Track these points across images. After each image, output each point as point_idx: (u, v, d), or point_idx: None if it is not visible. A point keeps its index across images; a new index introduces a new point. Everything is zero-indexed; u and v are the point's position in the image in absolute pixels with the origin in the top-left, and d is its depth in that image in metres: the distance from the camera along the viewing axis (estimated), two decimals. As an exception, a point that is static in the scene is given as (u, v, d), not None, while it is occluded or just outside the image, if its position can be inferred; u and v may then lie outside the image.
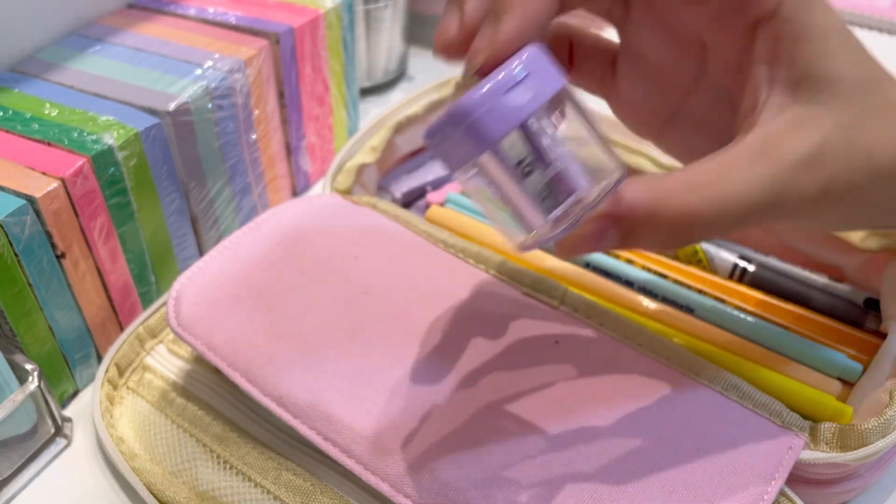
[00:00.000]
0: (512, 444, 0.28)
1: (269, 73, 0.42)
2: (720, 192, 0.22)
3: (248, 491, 0.30)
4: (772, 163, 0.23)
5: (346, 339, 0.32)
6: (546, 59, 0.21)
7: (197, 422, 0.33)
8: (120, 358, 0.36)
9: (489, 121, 0.20)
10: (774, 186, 0.23)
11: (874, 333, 0.35)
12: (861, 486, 0.30)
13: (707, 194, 0.22)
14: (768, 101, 0.24)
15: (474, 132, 0.20)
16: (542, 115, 0.21)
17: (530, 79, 0.20)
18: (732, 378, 0.31)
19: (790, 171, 0.23)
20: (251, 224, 0.37)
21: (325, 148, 0.50)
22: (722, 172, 0.23)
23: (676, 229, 0.23)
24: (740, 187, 0.23)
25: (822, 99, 0.23)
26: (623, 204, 0.22)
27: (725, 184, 0.23)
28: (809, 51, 0.23)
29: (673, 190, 0.22)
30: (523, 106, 0.20)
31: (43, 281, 0.33)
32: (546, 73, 0.21)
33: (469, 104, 0.20)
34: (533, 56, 0.21)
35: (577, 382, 0.30)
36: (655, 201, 0.22)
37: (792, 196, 0.23)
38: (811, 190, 0.23)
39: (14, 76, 0.39)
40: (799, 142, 0.23)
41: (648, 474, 0.27)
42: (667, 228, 0.23)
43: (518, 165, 0.21)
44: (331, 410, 0.29)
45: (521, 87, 0.20)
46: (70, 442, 0.35)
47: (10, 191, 0.32)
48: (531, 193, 0.21)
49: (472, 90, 0.20)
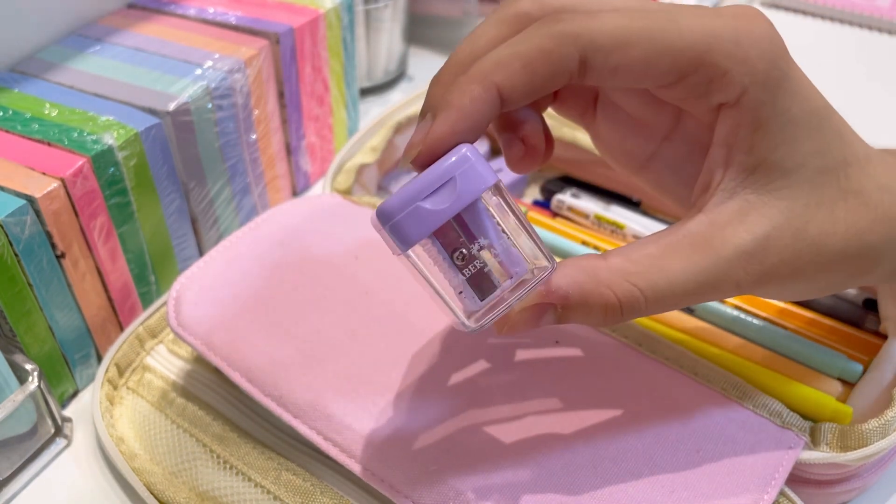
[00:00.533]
0: (511, 444, 0.28)
1: (269, 73, 0.42)
2: (653, 282, 0.23)
3: (248, 491, 0.30)
4: (710, 254, 0.23)
5: (346, 338, 0.32)
6: (473, 162, 0.22)
7: (197, 422, 0.33)
8: (120, 358, 0.36)
9: (407, 226, 0.21)
10: (710, 277, 0.23)
11: (874, 334, 0.35)
12: (861, 486, 0.30)
13: (641, 284, 0.23)
14: (721, 184, 0.24)
15: (395, 234, 0.22)
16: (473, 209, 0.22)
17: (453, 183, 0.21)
18: (733, 378, 0.31)
19: (728, 262, 0.23)
20: (251, 224, 0.37)
21: (325, 148, 0.50)
22: (658, 261, 0.23)
23: (609, 314, 0.24)
24: (675, 278, 0.23)
25: (775, 187, 0.24)
26: (559, 291, 0.23)
27: (660, 274, 0.23)
28: (767, 140, 0.23)
29: (607, 280, 0.23)
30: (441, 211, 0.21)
31: (43, 281, 0.33)
32: (471, 176, 0.22)
33: (389, 209, 0.22)
34: (460, 160, 0.22)
35: (576, 382, 0.30)
36: (587, 292, 0.23)
37: (727, 284, 0.24)
38: (748, 280, 0.24)
39: (14, 76, 0.39)
40: (744, 231, 0.23)
41: (649, 474, 0.27)
42: (599, 313, 0.24)
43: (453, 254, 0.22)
44: (331, 410, 0.29)
45: (441, 191, 0.21)
46: (70, 442, 0.35)
47: (10, 191, 0.32)
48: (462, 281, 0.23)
49: (396, 193, 0.22)
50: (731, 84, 0.23)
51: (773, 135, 0.23)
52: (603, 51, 0.22)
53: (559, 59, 0.23)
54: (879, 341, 0.34)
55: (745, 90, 0.23)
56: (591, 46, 0.22)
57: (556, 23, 0.23)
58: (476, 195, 0.22)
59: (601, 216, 0.41)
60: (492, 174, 0.22)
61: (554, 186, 0.44)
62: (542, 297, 0.24)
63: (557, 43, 0.22)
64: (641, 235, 0.40)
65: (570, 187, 0.44)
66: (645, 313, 0.24)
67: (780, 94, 0.23)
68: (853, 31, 0.66)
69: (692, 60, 0.23)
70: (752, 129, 0.23)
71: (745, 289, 0.24)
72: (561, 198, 0.43)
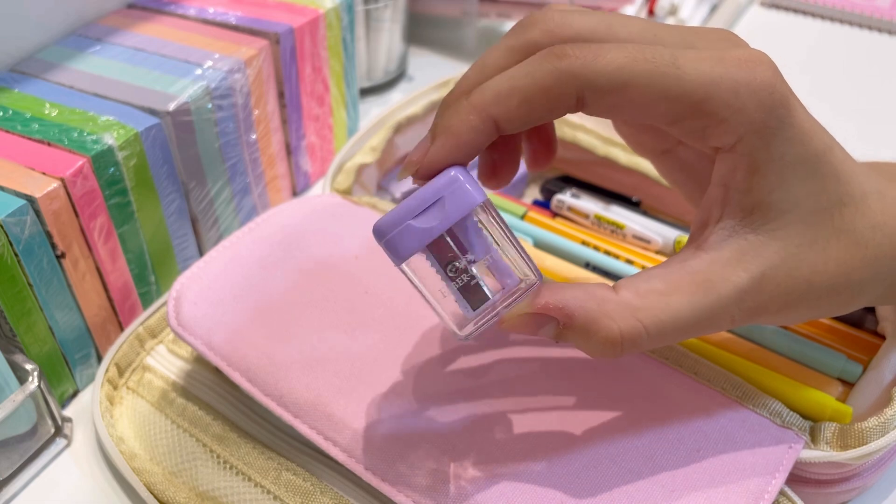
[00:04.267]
0: (512, 443, 0.28)
1: (269, 73, 0.42)
2: (658, 319, 0.24)
3: (248, 491, 0.30)
4: (711, 293, 0.24)
5: (346, 338, 0.32)
6: (462, 182, 0.24)
7: (197, 422, 0.33)
8: (120, 358, 0.36)
9: (400, 241, 0.23)
10: (709, 314, 0.25)
11: (873, 334, 0.35)
12: (861, 485, 0.30)
13: (646, 321, 0.24)
14: (720, 222, 0.25)
15: (390, 249, 0.24)
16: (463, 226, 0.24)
17: (442, 203, 0.23)
18: (733, 378, 0.31)
19: (727, 300, 0.25)
20: (251, 224, 0.37)
21: (325, 148, 0.50)
22: (664, 298, 0.25)
23: (607, 346, 0.24)
24: (678, 315, 0.24)
25: (771, 228, 0.25)
26: (566, 309, 0.24)
27: (665, 311, 0.24)
28: (763, 183, 0.24)
29: (614, 312, 0.24)
30: (431, 228, 0.23)
31: (43, 281, 0.33)
32: (459, 196, 0.23)
33: (383, 226, 0.24)
34: (451, 180, 0.24)
35: (577, 382, 0.30)
36: (593, 319, 0.24)
37: (723, 319, 0.25)
38: (741, 315, 0.25)
39: (14, 76, 0.39)
40: (742, 271, 0.25)
41: (649, 473, 0.27)
42: (599, 342, 0.25)
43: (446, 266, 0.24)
44: (331, 410, 0.29)
45: (431, 210, 0.23)
46: (70, 442, 0.35)
47: (10, 191, 0.32)
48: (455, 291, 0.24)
49: (390, 211, 0.24)
50: (728, 132, 0.24)
51: (769, 178, 0.24)
52: (600, 92, 0.23)
53: (557, 96, 0.23)
54: (879, 341, 0.34)
55: (741, 138, 0.24)
56: (590, 87, 0.23)
57: (559, 59, 0.23)
58: (463, 213, 0.23)
59: (601, 216, 0.41)
60: (480, 193, 0.24)
61: (554, 186, 0.44)
62: (546, 309, 0.25)
63: (556, 81, 0.23)
64: (641, 235, 0.40)
65: (570, 187, 0.44)
66: (643, 348, 0.25)
67: (776, 141, 0.24)
68: (853, 31, 0.66)
69: (689, 107, 0.23)
70: (749, 173, 0.24)
71: (737, 322, 0.25)
72: (561, 198, 0.43)
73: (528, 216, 0.42)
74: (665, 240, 0.40)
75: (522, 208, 0.42)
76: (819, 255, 0.25)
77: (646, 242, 0.40)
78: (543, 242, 0.40)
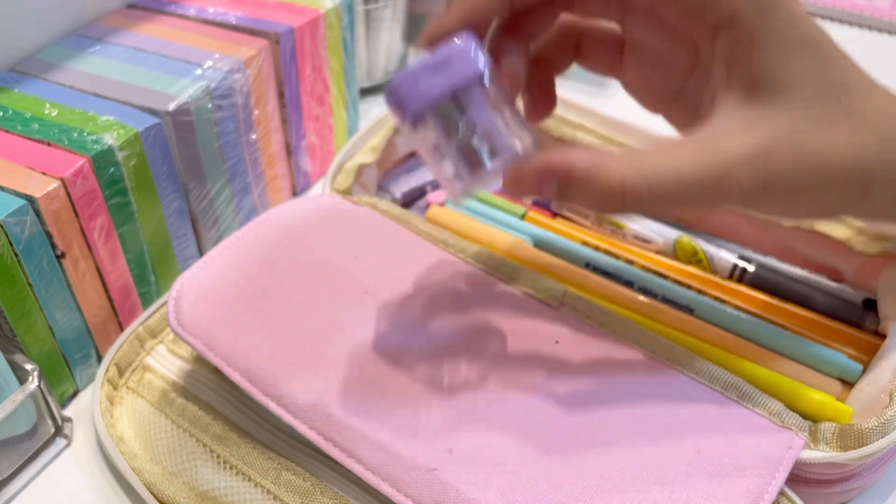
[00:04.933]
0: (512, 444, 0.28)
1: (269, 73, 0.42)
2: (657, 171, 0.24)
3: (248, 491, 0.30)
4: (714, 154, 0.24)
5: (346, 338, 0.32)
6: (469, 49, 0.25)
7: (197, 422, 0.33)
8: (120, 358, 0.36)
9: (408, 99, 0.25)
10: (713, 175, 0.24)
11: (874, 334, 0.35)
12: (861, 486, 0.30)
13: (644, 172, 0.24)
14: (724, 100, 0.25)
15: (399, 106, 0.25)
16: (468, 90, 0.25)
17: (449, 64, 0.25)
18: (732, 378, 0.31)
19: (730, 164, 0.24)
20: (251, 224, 0.37)
21: (325, 148, 0.50)
22: (664, 156, 0.24)
23: (609, 196, 0.24)
24: (678, 170, 0.24)
25: (777, 101, 0.24)
26: (566, 162, 0.25)
27: (664, 165, 0.24)
28: (765, 56, 0.24)
29: (613, 161, 0.24)
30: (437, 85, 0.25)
31: (43, 281, 0.33)
32: (466, 60, 0.25)
33: (394, 84, 0.25)
34: (457, 45, 0.25)
35: (577, 382, 0.30)
36: (593, 167, 0.24)
37: (730, 187, 0.24)
38: (750, 184, 0.24)
39: (14, 76, 0.39)
40: (747, 139, 0.24)
41: (648, 473, 0.27)
42: (600, 193, 0.24)
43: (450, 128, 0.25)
44: (331, 410, 0.29)
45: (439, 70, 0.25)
46: (70, 442, 0.35)
47: (10, 191, 0.32)
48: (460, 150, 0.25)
49: (402, 71, 0.25)
50: (723, 3, 0.24)
51: (770, 53, 0.24)
52: None
53: None
54: (879, 341, 0.34)
55: (737, 10, 0.24)
56: None
57: None
58: (469, 75, 0.25)
59: (601, 216, 0.41)
60: (486, 60, 0.25)
61: (554, 186, 0.44)
62: (548, 163, 0.25)
63: None
64: (641, 235, 0.40)
65: (570, 187, 0.44)
66: (645, 206, 0.25)
67: (773, 17, 0.24)
68: (853, 31, 0.66)
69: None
70: (749, 47, 0.25)
71: (747, 197, 0.25)
72: (561, 198, 0.43)
73: (528, 216, 0.42)
74: (665, 240, 0.40)
75: (522, 208, 0.42)
76: (828, 134, 0.24)
77: (646, 242, 0.40)
78: (543, 242, 0.40)
